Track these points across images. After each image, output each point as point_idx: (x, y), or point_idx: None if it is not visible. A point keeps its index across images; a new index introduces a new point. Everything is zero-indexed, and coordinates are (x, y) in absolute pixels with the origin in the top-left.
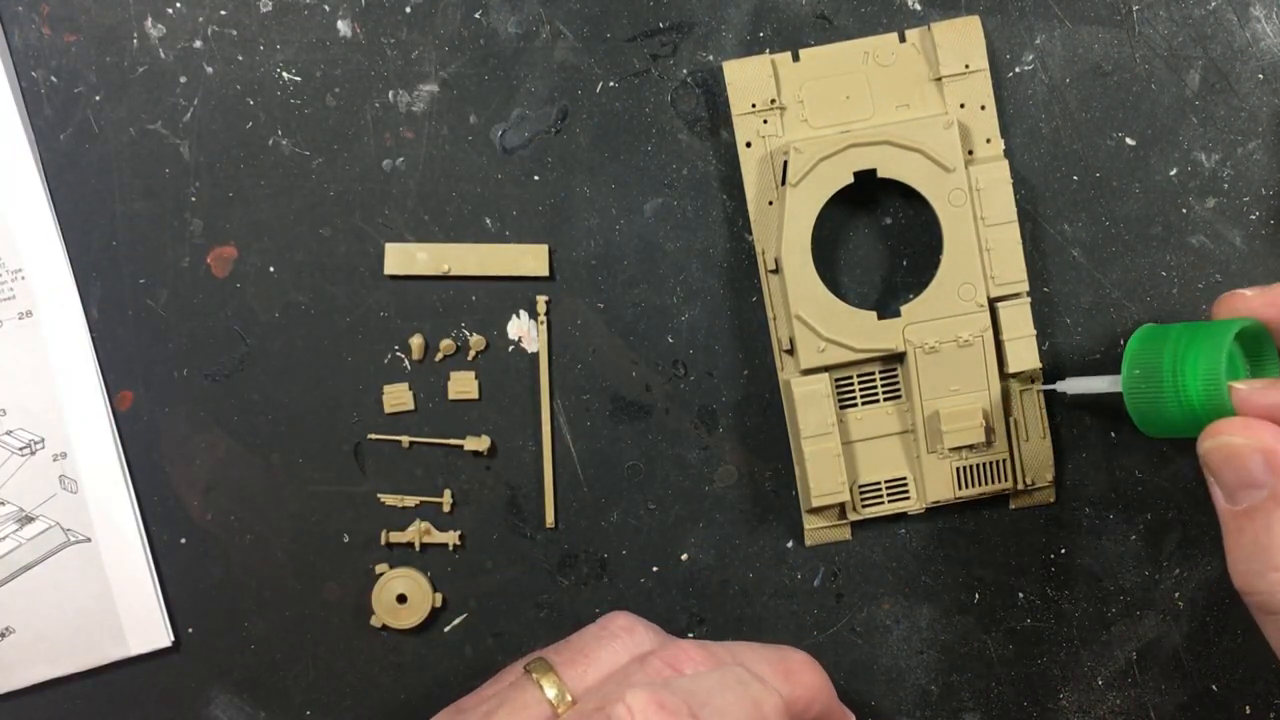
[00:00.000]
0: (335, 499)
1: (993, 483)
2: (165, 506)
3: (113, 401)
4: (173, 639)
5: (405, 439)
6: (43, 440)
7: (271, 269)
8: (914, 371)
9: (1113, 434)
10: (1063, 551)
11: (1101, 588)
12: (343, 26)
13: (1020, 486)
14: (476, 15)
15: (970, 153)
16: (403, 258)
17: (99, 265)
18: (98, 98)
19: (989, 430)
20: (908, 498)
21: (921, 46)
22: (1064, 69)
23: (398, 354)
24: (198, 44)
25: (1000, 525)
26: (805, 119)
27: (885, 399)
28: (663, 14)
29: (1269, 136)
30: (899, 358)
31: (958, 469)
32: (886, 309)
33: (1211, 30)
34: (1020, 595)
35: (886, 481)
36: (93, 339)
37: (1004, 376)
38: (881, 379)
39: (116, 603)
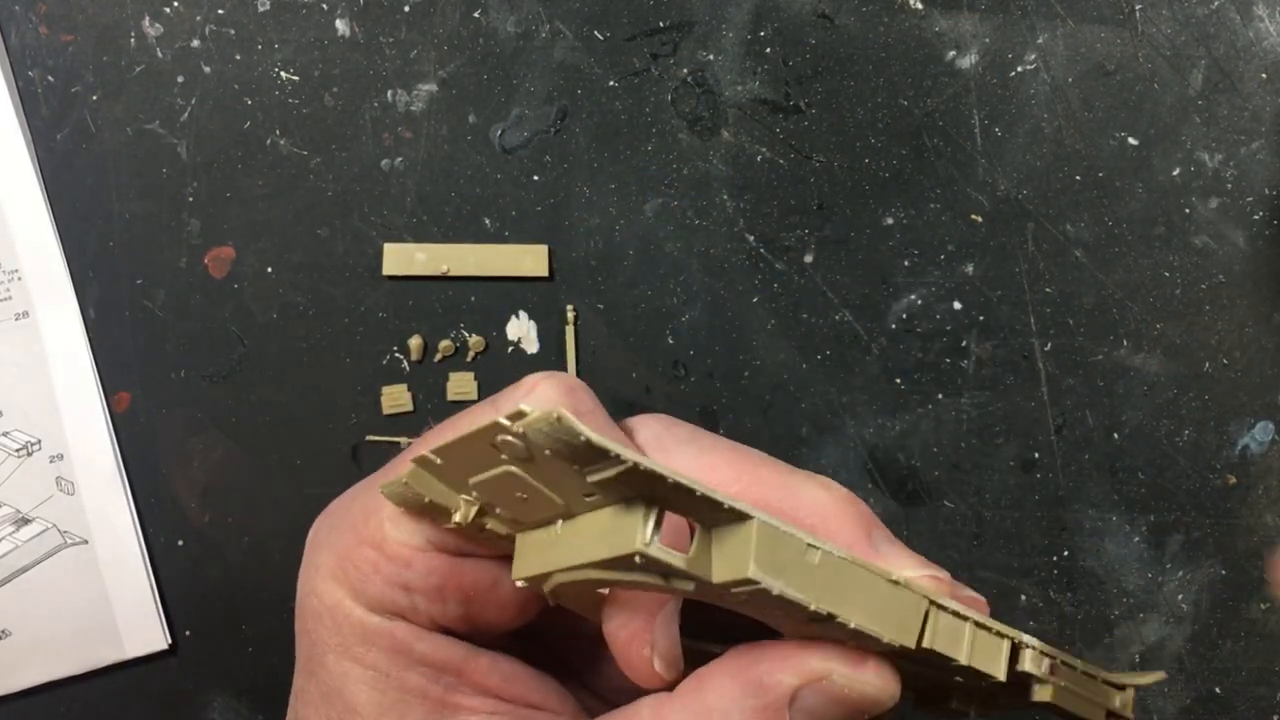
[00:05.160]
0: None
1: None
2: (162, 508)
3: (110, 403)
4: (170, 642)
5: (404, 440)
6: (39, 442)
7: (269, 269)
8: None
9: (1115, 435)
10: (1066, 554)
11: (1105, 590)
12: (341, 26)
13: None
14: (475, 14)
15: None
16: (401, 258)
17: (96, 265)
18: (95, 97)
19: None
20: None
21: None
22: (1066, 68)
23: (396, 355)
24: (195, 43)
25: (1003, 528)
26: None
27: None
28: (663, 13)
29: (1272, 136)
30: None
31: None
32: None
33: (1214, 29)
34: (1023, 597)
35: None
36: (90, 340)
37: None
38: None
39: (113, 605)
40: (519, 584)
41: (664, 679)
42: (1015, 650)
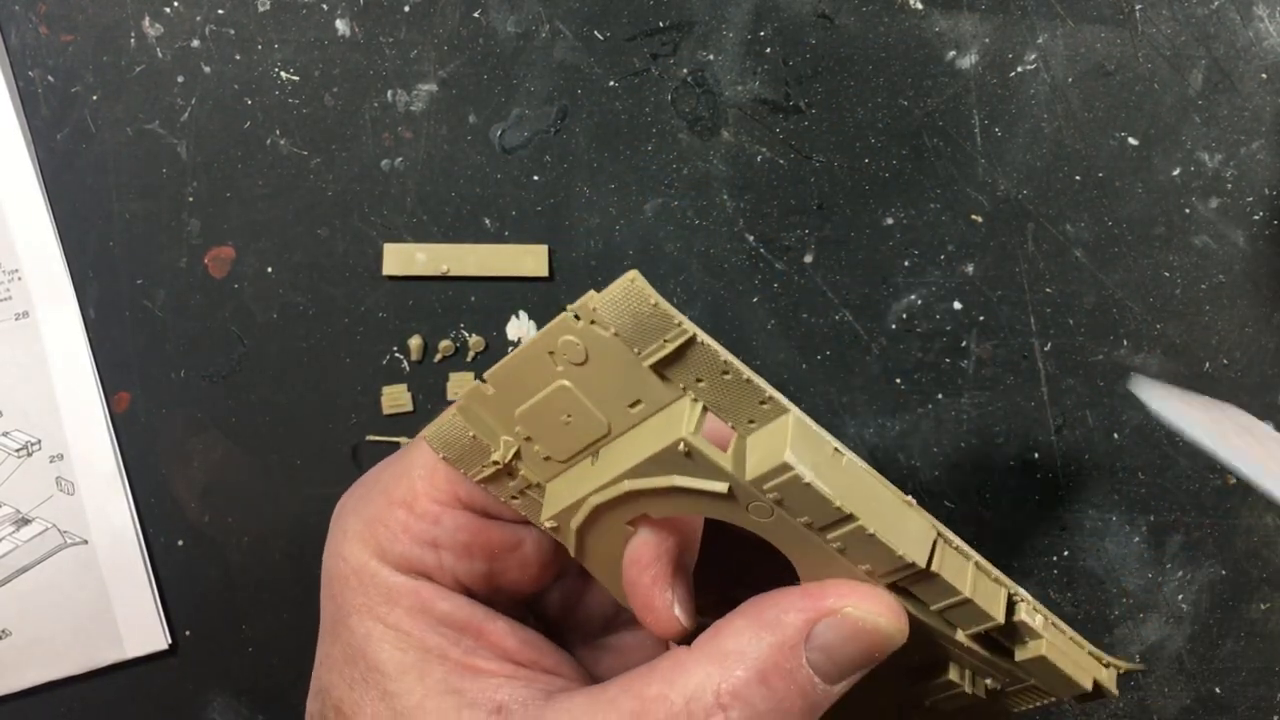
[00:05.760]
0: (333, 501)
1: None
2: (162, 508)
3: (110, 403)
4: (170, 642)
5: (403, 440)
6: (39, 442)
7: (269, 269)
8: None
9: (1115, 435)
10: (1065, 554)
11: (1104, 590)
12: (341, 26)
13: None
14: (475, 14)
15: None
16: (401, 258)
17: (96, 265)
18: (95, 97)
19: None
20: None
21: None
22: (1066, 68)
23: (396, 355)
24: (195, 43)
25: (1003, 528)
26: (548, 457)
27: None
28: (663, 13)
29: (1272, 136)
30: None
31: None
32: None
33: (1214, 29)
34: None
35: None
36: (90, 340)
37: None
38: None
39: (113, 605)
40: (547, 525)
41: (682, 625)
42: (1011, 604)
